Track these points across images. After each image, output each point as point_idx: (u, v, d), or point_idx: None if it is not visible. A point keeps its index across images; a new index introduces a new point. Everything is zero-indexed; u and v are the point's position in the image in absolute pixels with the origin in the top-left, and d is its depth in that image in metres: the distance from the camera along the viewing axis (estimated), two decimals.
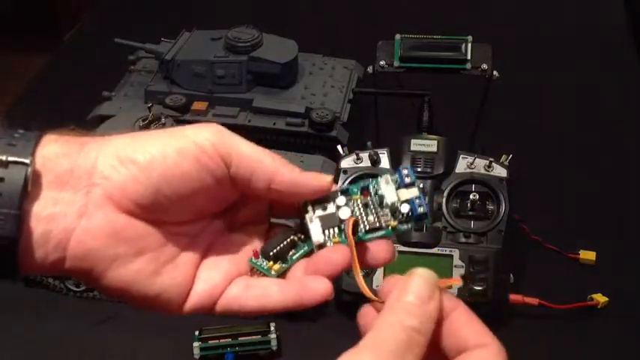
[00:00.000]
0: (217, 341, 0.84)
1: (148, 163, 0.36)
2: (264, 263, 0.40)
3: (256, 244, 0.41)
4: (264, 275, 0.40)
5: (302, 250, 0.40)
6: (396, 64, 0.91)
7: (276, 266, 0.40)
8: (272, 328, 0.85)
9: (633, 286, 0.93)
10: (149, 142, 0.37)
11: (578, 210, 1.05)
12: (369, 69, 0.92)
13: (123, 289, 0.38)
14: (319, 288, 0.38)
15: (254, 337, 0.85)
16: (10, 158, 0.35)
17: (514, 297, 0.86)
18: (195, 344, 0.84)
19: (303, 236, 0.41)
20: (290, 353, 0.86)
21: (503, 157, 0.88)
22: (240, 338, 0.84)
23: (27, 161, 0.35)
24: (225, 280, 0.40)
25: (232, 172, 0.38)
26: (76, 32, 1.65)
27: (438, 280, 0.35)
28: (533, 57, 1.38)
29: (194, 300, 0.39)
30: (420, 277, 0.35)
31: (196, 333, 0.85)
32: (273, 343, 0.84)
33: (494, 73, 0.89)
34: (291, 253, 0.41)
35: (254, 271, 0.41)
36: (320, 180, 0.39)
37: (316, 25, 1.47)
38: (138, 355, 0.86)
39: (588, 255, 0.97)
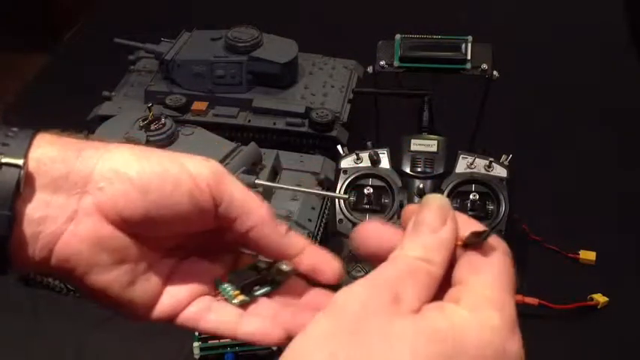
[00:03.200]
0: (217, 341, 0.84)
1: (145, 186, 0.37)
2: (230, 290, 0.41)
3: (223, 268, 0.42)
4: (227, 301, 0.41)
5: (265, 289, 0.41)
6: (396, 64, 0.91)
7: (241, 297, 0.41)
8: None
9: (633, 286, 0.93)
10: (149, 164, 0.38)
11: (578, 210, 1.05)
12: (369, 69, 0.92)
13: (98, 293, 0.39)
14: (273, 338, 0.39)
15: None
16: (4, 160, 0.36)
17: None
18: (195, 344, 0.84)
19: (272, 276, 0.41)
20: None
21: (503, 157, 0.88)
22: None
23: (20, 163, 0.36)
24: (190, 297, 0.41)
25: (219, 212, 0.39)
26: (76, 32, 1.65)
27: (449, 204, 0.35)
28: (533, 57, 1.38)
29: (159, 311, 0.40)
30: (429, 207, 0.35)
31: (196, 333, 0.85)
32: None
33: (495, 73, 0.89)
34: (255, 288, 0.41)
35: (218, 293, 0.41)
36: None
37: (316, 25, 1.47)
38: (138, 356, 0.86)
39: (588, 255, 0.97)
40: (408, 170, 0.85)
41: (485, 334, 0.30)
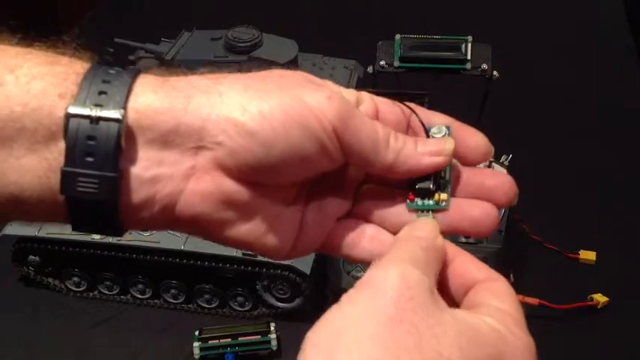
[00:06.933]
0: (217, 341, 0.84)
1: (267, 137, 0.33)
2: (427, 200, 0.37)
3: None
4: (437, 211, 0.37)
5: (448, 167, 0.37)
6: (396, 64, 0.90)
7: (443, 195, 0.37)
8: (272, 328, 0.85)
9: (633, 286, 0.93)
10: (268, 106, 0.34)
11: (578, 210, 1.05)
12: (369, 69, 0.92)
13: (233, 244, 0.37)
14: None
15: (254, 337, 0.85)
16: (101, 114, 0.32)
17: None
18: (195, 344, 0.84)
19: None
20: (290, 353, 0.86)
21: (503, 157, 0.88)
22: (240, 338, 0.84)
23: (119, 117, 0.32)
24: (330, 223, 0.38)
25: (348, 160, 0.36)
26: (76, 32, 1.65)
27: (437, 226, 0.36)
28: (533, 57, 1.38)
29: (302, 247, 0.38)
30: (422, 221, 0.36)
31: (196, 333, 0.85)
32: (273, 343, 0.84)
33: (494, 73, 0.89)
34: (441, 173, 0.37)
35: (419, 213, 0.37)
36: (440, 154, 0.37)
37: (316, 25, 1.47)
38: (138, 355, 0.86)
39: (588, 255, 0.97)
40: None
41: (519, 348, 0.31)
